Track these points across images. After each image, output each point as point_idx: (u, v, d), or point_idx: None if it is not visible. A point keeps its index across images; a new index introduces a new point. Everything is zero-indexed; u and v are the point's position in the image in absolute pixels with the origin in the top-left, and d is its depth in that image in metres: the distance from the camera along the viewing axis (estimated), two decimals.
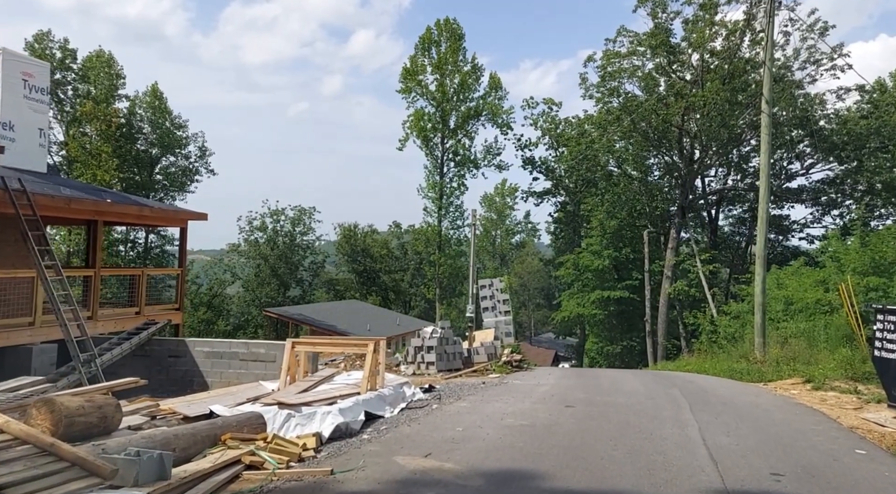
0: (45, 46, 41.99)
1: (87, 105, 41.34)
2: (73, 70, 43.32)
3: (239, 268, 59.32)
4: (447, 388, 11.94)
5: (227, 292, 58.42)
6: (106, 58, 43.62)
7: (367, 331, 35.78)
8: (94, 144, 41.44)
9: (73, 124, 43.04)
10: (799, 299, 22.49)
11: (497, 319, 21.62)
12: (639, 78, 36.41)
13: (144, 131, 46.06)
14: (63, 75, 42.92)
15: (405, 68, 48.03)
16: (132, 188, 44.66)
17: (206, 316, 52.98)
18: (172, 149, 47.10)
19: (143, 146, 46.05)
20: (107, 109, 41.83)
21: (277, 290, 56.17)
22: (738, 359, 18.84)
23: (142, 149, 45.63)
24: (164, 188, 46.90)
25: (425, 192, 48.77)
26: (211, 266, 61.46)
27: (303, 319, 38.52)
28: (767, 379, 15.20)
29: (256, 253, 56.35)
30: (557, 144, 46.30)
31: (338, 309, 44.24)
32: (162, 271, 24.00)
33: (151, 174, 46.23)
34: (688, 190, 37.17)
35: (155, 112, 46.32)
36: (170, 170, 47.46)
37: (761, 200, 18.94)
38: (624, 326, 44.70)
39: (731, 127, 33.43)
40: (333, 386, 9.58)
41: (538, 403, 9.72)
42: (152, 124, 46.32)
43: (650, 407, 9.55)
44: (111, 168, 40.74)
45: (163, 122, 46.47)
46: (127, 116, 44.98)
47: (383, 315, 44.95)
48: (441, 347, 16.49)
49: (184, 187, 48.34)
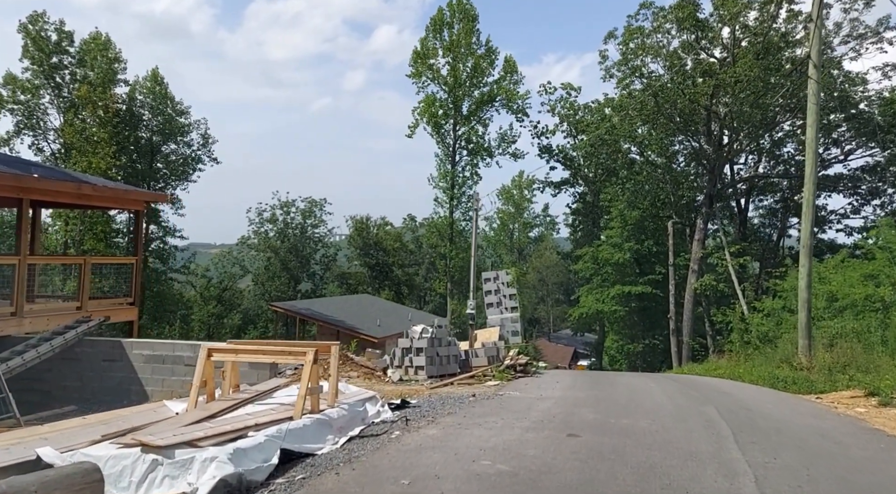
0: (40, 28, 40.28)
1: (83, 89, 39.54)
2: (69, 53, 41.57)
3: (249, 262, 57.77)
4: (426, 403, 9.65)
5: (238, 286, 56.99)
6: (103, 40, 41.79)
7: (377, 327, 33.77)
8: (90, 130, 39.62)
9: (71, 111, 41.34)
10: (845, 295, 20.03)
11: (502, 316, 19.26)
12: (663, 57, 33.67)
13: (145, 118, 44.23)
14: (59, 59, 41.22)
15: (415, 51, 45.71)
16: (132, 177, 42.96)
17: (217, 311, 51.56)
18: (174, 136, 45.25)
19: (145, 133, 44.26)
20: (103, 94, 39.97)
21: (288, 284, 54.50)
22: (778, 364, 16.32)
23: (142, 137, 43.82)
24: (164, 177, 45.03)
25: (436, 182, 46.49)
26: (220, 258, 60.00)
27: (310, 314, 36.97)
28: (819, 390, 12.72)
29: (266, 246, 54.71)
30: (576, 132, 43.78)
31: (347, 304, 42.63)
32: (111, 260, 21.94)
33: (152, 162, 44.38)
34: (716, 177, 34.44)
35: (156, 98, 44.48)
36: (171, 158, 45.57)
37: (807, 180, 16.37)
38: (646, 324, 42.20)
39: (765, 107, 30.65)
40: (265, 406, 7.35)
41: (532, 429, 7.39)
42: (153, 110, 44.49)
43: (681, 437, 7.19)
44: (108, 155, 38.87)
45: (164, 108, 44.63)
46: (127, 102, 43.17)
47: (395, 310, 42.84)
48: (432, 349, 14.21)
49: (186, 176, 46.47)
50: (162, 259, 45.11)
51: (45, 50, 40.31)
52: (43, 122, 41.88)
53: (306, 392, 6.72)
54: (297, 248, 54.72)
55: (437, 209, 47.43)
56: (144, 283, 43.23)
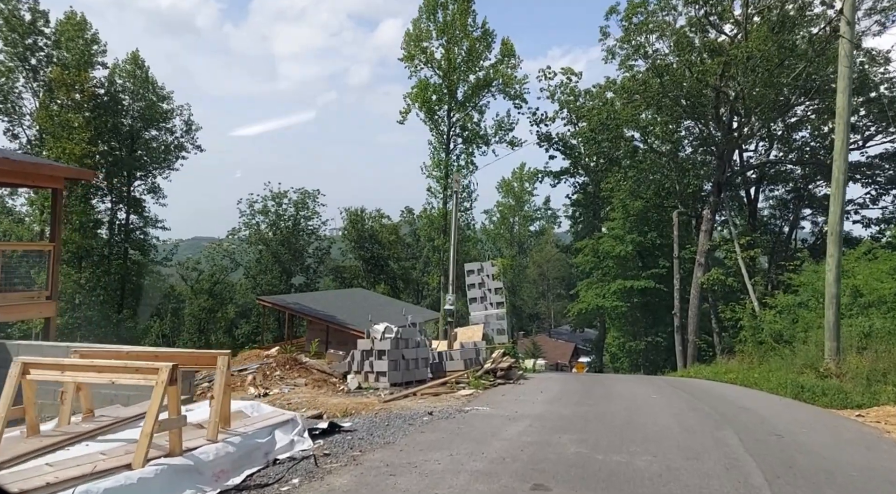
0: (12, 7, 38.14)
1: (56, 71, 37.44)
2: (45, 34, 39.45)
3: (240, 254, 55.81)
4: (367, 425, 7.55)
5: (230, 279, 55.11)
6: (78, 20, 39.67)
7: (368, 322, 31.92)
8: (63, 115, 37.51)
9: (46, 94, 39.26)
10: (872, 289, 17.94)
11: (487, 313, 17.16)
12: (669, 35, 31.37)
13: (125, 103, 42.11)
14: (34, 40, 39.10)
15: (408, 33, 43.40)
16: (111, 164, 40.97)
17: (208, 304, 49.67)
18: (155, 122, 43.15)
19: (126, 120, 42.17)
20: (78, 76, 37.84)
21: (280, 278, 52.54)
22: (801, 369, 14.15)
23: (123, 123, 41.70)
24: (144, 165, 42.90)
25: (429, 171, 44.19)
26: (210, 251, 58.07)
27: (299, 309, 35.23)
28: (856, 403, 10.57)
29: (258, 239, 52.79)
30: (577, 119, 41.48)
31: (340, 299, 40.86)
32: (21, 246, 19.83)
33: (133, 149, 42.26)
34: (725, 163, 32.17)
35: (136, 82, 42.36)
36: (152, 144, 43.44)
37: (837, 154, 14.24)
38: (649, 320, 40.03)
39: (779, 87, 28.39)
40: (112, 443, 5.26)
41: (484, 477, 5.28)
42: (133, 95, 42.38)
43: (694, 486, 5.09)
44: (83, 140, 36.76)
45: (145, 93, 42.51)
46: (105, 86, 41.07)
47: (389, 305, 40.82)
48: (396, 352, 12.11)
49: (169, 164, 44.38)
50: (142, 250, 43.07)
51: (18, 30, 38.21)
52: (18, 107, 39.79)
53: (153, 428, 4.63)
54: (289, 241, 52.75)
55: (430, 199, 45.22)
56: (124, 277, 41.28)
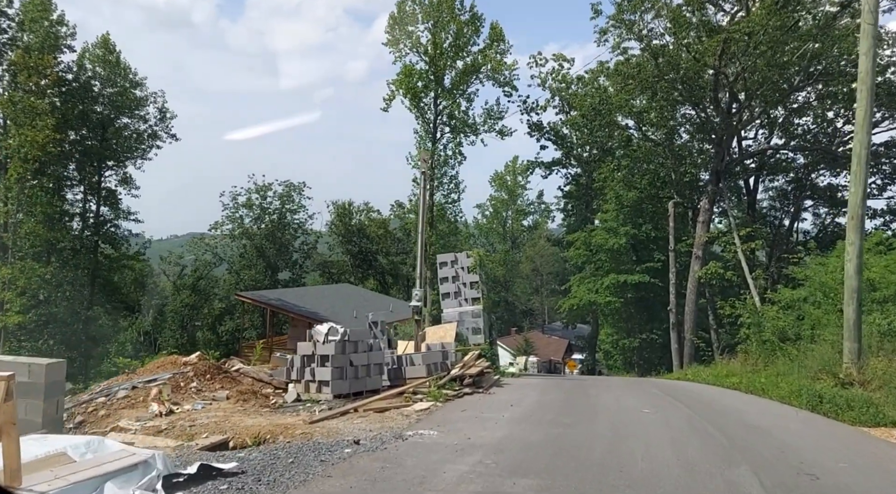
0: None
1: (18, 54, 35.37)
2: (7, 16, 37.36)
3: (222, 249, 53.82)
4: (260, 464, 5.66)
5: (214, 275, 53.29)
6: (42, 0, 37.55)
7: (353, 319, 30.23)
8: (25, 100, 35.40)
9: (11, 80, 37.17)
10: (888, 283, 16.22)
11: (461, 310, 15.33)
12: (664, 15, 29.44)
13: (95, 89, 40.05)
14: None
15: (392, 16, 41.43)
16: (80, 153, 38.97)
17: (191, 300, 47.90)
18: (128, 109, 41.10)
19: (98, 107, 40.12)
20: (41, 59, 35.74)
21: (264, 273, 50.66)
22: (815, 374, 12.30)
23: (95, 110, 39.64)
24: (116, 154, 40.82)
25: (415, 162, 42.28)
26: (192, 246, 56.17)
27: (280, 305, 33.83)
28: (891, 419, 8.74)
29: (241, 233, 50.91)
30: (569, 107, 39.62)
31: (324, 294, 39.37)
32: None
33: (103, 137, 40.18)
34: (724, 150, 30.34)
35: (107, 66, 40.29)
36: (124, 133, 41.38)
37: (859, 126, 12.35)
38: (643, 316, 38.27)
39: (782, 67, 26.55)
40: None
41: None
42: (104, 81, 40.31)
43: None
44: (47, 127, 34.65)
45: (116, 79, 40.45)
46: (75, 71, 39.02)
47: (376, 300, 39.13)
48: (343, 357, 10.18)
49: (142, 153, 42.34)
50: (114, 244, 41.05)
51: None
52: None
53: None
54: (274, 235, 50.90)
55: (415, 191, 43.33)
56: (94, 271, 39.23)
